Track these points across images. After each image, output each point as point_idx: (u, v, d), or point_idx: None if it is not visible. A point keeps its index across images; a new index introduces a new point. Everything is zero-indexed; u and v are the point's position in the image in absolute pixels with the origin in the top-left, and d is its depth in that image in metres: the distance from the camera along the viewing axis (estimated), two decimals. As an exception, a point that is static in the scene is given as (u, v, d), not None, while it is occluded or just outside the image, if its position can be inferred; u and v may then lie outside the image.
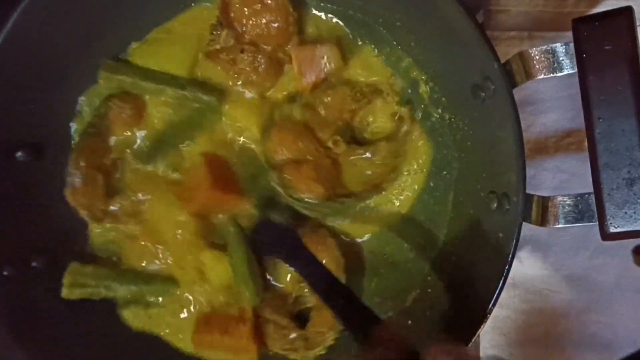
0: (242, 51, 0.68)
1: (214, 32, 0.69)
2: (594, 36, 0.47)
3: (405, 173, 0.72)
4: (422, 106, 0.71)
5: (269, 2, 0.67)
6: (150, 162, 0.71)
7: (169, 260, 0.72)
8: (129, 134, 0.72)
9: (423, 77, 0.71)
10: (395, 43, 0.71)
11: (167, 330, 0.73)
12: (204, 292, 0.72)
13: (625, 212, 0.49)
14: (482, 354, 0.76)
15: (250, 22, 0.68)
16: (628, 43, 0.47)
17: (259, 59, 0.69)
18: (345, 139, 0.70)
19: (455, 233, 0.70)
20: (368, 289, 0.73)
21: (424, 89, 0.71)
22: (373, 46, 0.72)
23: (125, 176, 0.72)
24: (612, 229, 0.50)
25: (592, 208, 0.51)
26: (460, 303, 0.64)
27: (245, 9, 0.67)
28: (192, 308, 0.72)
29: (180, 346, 0.72)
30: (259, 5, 0.67)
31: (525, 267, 0.76)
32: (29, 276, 0.66)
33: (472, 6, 0.55)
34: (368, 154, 0.69)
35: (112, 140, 0.71)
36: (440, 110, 0.71)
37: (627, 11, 0.47)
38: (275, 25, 0.68)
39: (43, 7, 0.60)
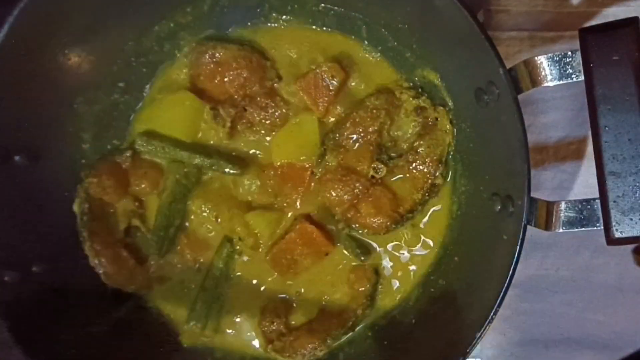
0: (245, 109, 0.71)
1: (216, 118, 0.71)
2: (601, 47, 0.48)
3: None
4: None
5: (218, 56, 0.70)
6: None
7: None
8: (125, 201, 0.72)
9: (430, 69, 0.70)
10: (396, 44, 0.70)
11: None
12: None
13: (631, 219, 0.50)
14: (482, 354, 0.77)
15: (225, 82, 0.71)
16: (635, 54, 0.47)
17: (263, 103, 0.71)
18: (384, 159, 0.71)
19: (458, 234, 0.70)
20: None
21: (433, 76, 0.70)
22: (373, 47, 0.72)
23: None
24: (617, 235, 0.50)
25: (597, 214, 0.51)
26: (463, 304, 0.64)
27: (215, 79, 0.71)
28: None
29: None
30: (218, 68, 0.70)
31: (525, 267, 0.76)
32: (29, 281, 0.65)
33: (472, 6, 0.55)
34: (410, 161, 0.70)
35: (114, 213, 0.72)
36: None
37: (634, 22, 0.47)
38: (244, 73, 0.70)
39: (40, 9, 0.59)
